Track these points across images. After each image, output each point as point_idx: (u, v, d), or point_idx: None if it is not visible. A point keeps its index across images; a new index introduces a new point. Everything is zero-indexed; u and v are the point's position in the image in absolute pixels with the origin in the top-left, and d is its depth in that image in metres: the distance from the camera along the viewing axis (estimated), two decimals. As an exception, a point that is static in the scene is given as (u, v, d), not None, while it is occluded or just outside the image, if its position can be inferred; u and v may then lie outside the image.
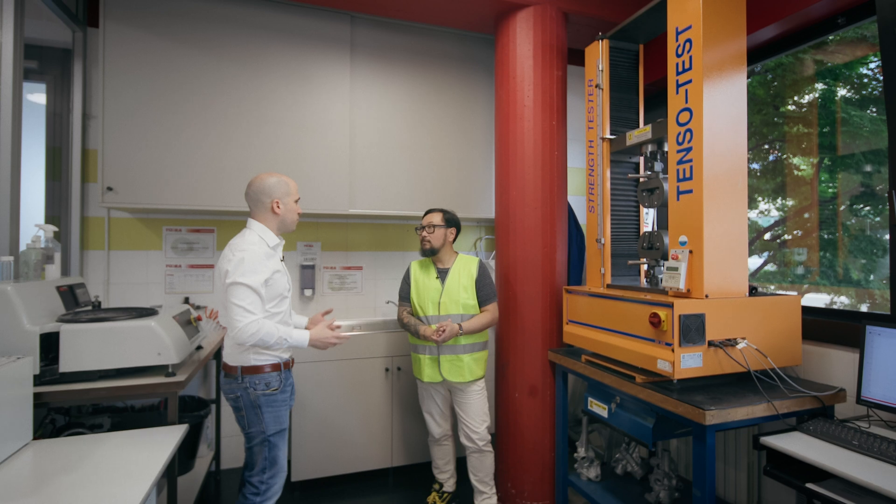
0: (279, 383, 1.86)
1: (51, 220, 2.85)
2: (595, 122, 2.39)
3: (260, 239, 1.84)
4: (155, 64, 2.60)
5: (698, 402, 1.66)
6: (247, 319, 1.72)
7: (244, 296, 1.72)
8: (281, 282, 1.87)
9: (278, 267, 1.87)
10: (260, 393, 1.81)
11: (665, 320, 1.79)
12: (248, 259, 1.74)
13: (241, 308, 1.72)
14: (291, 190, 1.93)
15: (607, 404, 2.14)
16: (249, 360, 1.82)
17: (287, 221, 1.92)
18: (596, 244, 2.38)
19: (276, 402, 1.85)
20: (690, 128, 1.85)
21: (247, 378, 1.81)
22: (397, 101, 3.07)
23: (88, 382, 1.82)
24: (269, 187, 1.88)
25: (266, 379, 1.83)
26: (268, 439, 1.83)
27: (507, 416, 2.64)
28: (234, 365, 1.82)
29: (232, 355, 1.83)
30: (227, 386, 1.84)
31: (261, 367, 1.83)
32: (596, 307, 2.23)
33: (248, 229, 1.87)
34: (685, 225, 1.87)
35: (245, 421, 1.84)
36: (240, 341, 1.73)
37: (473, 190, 3.23)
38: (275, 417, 1.85)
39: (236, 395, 1.82)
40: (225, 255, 1.80)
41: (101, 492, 1.34)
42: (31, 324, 1.77)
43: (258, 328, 1.73)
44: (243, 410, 1.82)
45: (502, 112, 2.66)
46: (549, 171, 2.58)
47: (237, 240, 1.83)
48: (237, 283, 1.72)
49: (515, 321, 2.60)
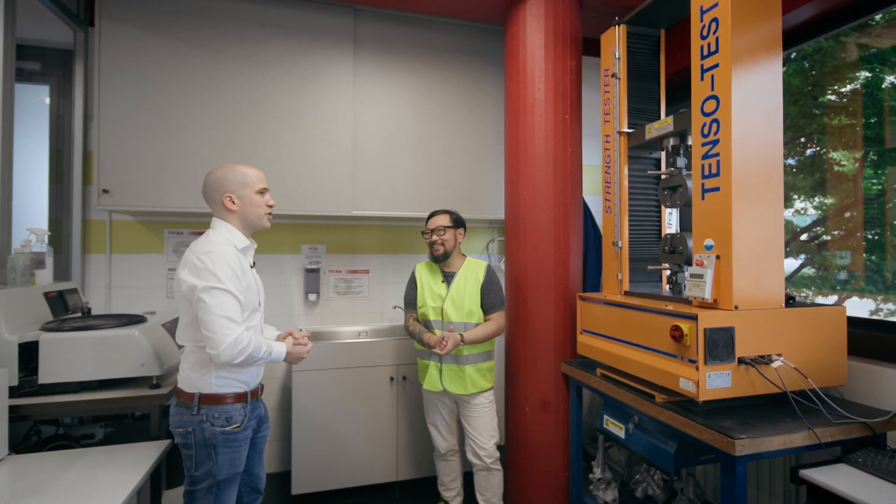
0: (242, 418, 1.57)
1: (53, 224, 2.82)
2: (612, 115, 2.20)
3: (226, 240, 1.58)
4: (152, 63, 2.53)
5: (726, 428, 1.46)
6: (235, 332, 1.45)
7: (225, 304, 1.45)
8: (252, 291, 1.60)
9: (248, 274, 1.61)
10: (218, 430, 1.51)
11: (688, 334, 1.59)
12: (218, 260, 1.48)
13: (225, 318, 1.44)
14: (250, 180, 1.63)
15: (624, 424, 1.95)
16: (210, 386, 1.53)
17: (251, 217, 1.63)
18: (612, 247, 2.19)
19: (236, 441, 1.55)
20: (717, 118, 1.65)
21: (204, 409, 1.51)
22: (403, 97, 2.93)
23: (69, 394, 1.75)
24: (218, 181, 1.60)
25: (227, 412, 1.54)
26: (217, 484, 1.53)
27: (518, 432, 2.46)
28: (189, 391, 1.53)
29: (189, 379, 1.55)
30: (177, 417, 1.54)
31: (222, 397, 1.54)
32: (612, 316, 2.05)
33: (212, 229, 1.61)
34: (711, 226, 1.67)
35: (192, 461, 1.52)
36: (227, 359, 1.45)
37: (484, 189, 3.07)
38: (231, 459, 1.54)
39: (188, 430, 1.51)
40: (187, 260, 1.51)
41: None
42: (9, 332, 1.69)
43: (248, 341, 1.48)
44: (192, 448, 1.51)
45: (512, 106, 2.49)
46: (563, 168, 2.40)
47: (200, 241, 1.55)
48: (214, 288, 1.45)
49: (526, 330, 2.42)
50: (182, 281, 1.51)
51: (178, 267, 1.55)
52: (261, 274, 3.05)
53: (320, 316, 3.17)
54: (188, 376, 1.56)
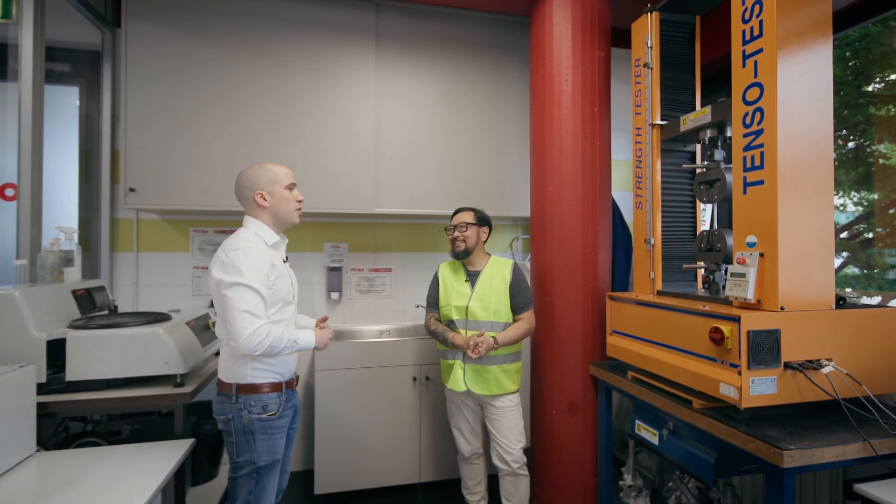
0: (278, 406, 1.64)
1: (83, 222, 2.87)
2: (643, 107, 2.11)
3: (256, 237, 1.63)
4: (177, 62, 2.54)
5: (773, 438, 1.36)
6: (254, 325, 1.50)
7: (246, 298, 1.51)
8: (284, 285, 1.65)
9: (280, 268, 1.65)
10: (255, 417, 1.59)
11: (729, 337, 1.50)
12: (244, 257, 1.53)
13: (245, 312, 1.50)
14: (279, 177, 1.69)
15: (658, 430, 1.86)
16: (247, 377, 1.60)
17: (281, 213, 1.69)
18: (644, 245, 2.09)
19: (273, 428, 1.62)
20: (761, 106, 1.54)
21: (241, 398, 1.59)
22: (425, 92, 2.88)
23: (95, 392, 1.75)
24: (249, 179, 1.66)
25: (263, 401, 1.61)
26: (257, 470, 1.60)
27: (544, 436, 2.39)
28: (228, 382, 1.61)
29: (227, 370, 1.62)
30: (219, 405, 1.63)
31: (258, 386, 1.61)
32: (644, 317, 1.96)
33: (244, 227, 1.67)
34: (754, 222, 1.57)
35: (234, 448, 1.61)
36: (247, 351, 1.51)
37: (509, 186, 3.00)
38: (269, 446, 1.62)
39: (227, 418, 1.60)
40: (217, 257, 1.58)
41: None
42: (38, 330, 1.71)
43: (267, 333, 1.52)
44: (233, 436, 1.60)
45: (538, 99, 2.41)
46: (591, 163, 2.31)
47: (231, 239, 1.61)
48: (237, 284, 1.50)
49: (552, 330, 2.35)
50: (212, 277, 1.58)
51: (210, 264, 1.61)
52: (284, 272, 3.06)
53: (342, 315, 3.15)
54: (227, 367, 1.63)
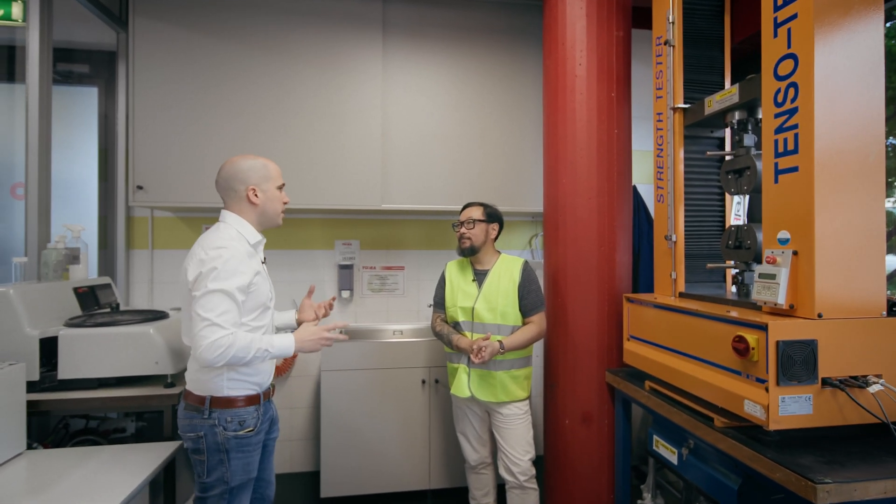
0: (256, 421, 1.49)
1: (102, 221, 2.92)
2: (664, 90, 1.91)
3: (239, 235, 1.50)
4: (181, 58, 2.52)
5: (805, 467, 1.17)
6: (216, 334, 1.35)
7: (215, 305, 1.36)
8: (264, 289, 1.53)
9: (258, 269, 1.52)
10: (231, 434, 1.43)
11: (755, 347, 1.31)
12: (225, 258, 1.39)
13: (207, 321, 1.35)
14: (272, 174, 1.58)
15: (677, 448, 1.68)
16: (222, 389, 1.45)
17: (269, 213, 1.57)
18: (665, 242, 1.90)
19: (249, 445, 1.47)
20: (795, 81, 1.34)
21: (216, 413, 1.43)
22: (435, 83, 2.76)
23: (87, 391, 1.73)
24: (241, 172, 1.53)
25: (240, 416, 1.46)
26: (230, 491, 1.45)
27: (556, 446, 2.23)
28: (199, 394, 1.45)
29: (198, 381, 1.46)
30: (187, 421, 1.45)
31: (234, 400, 1.46)
32: (663, 322, 1.77)
33: (223, 223, 1.53)
34: (786, 215, 1.37)
35: (204, 467, 1.44)
36: (206, 362, 1.35)
37: (526, 180, 2.84)
38: (244, 465, 1.47)
39: (199, 435, 1.43)
40: (194, 254, 1.44)
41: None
42: (31, 328, 1.71)
43: (230, 343, 1.36)
44: (204, 454, 1.44)
45: (550, 86, 2.24)
46: (608, 153, 2.13)
47: (210, 235, 1.47)
48: (211, 289, 1.36)
49: (565, 334, 2.18)
50: (185, 274, 1.43)
51: (186, 259, 1.47)
52: (294, 270, 3.02)
53: (354, 314, 3.08)
54: (197, 378, 1.48)
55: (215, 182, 1.58)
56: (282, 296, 2.82)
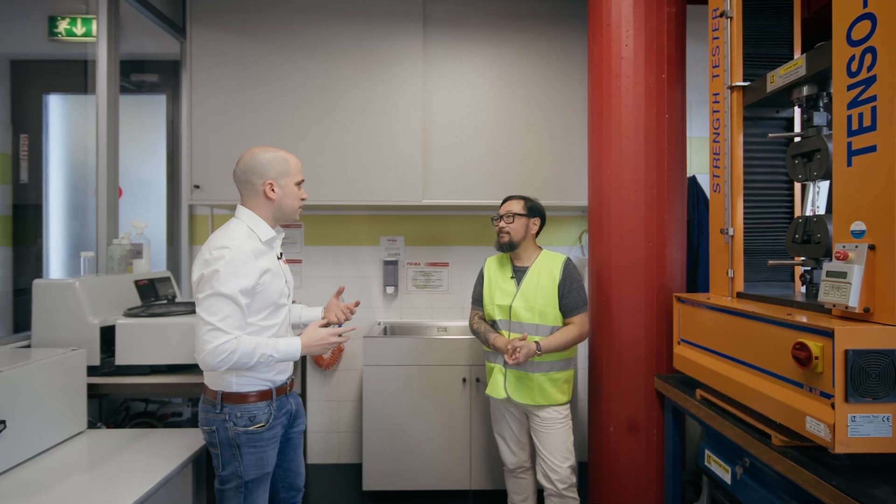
0: (267, 417, 1.47)
1: (169, 219, 3.14)
2: (721, 67, 1.71)
3: (249, 231, 1.47)
4: (232, 62, 2.64)
5: (880, 500, 0.99)
6: (219, 339, 1.33)
7: (218, 309, 1.34)
8: (274, 286, 1.48)
9: (271, 266, 1.48)
10: (241, 430, 1.43)
11: (820, 356, 1.13)
12: (228, 260, 1.36)
13: (209, 326, 1.34)
14: (291, 169, 1.52)
15: (731, 466, 1.50)
16: (231, 385, 1.44)
17: (285, 209, 1.52)
18: (721, 237, 1.71)
19: (261, 441, 1.47)
20: (872, 45, 1.13)
21: (226, 408, 1.44)
22: (478, 74, 2.69)
23: (140, 376, 1.86)
24: (260, 165, 1.47)
25: (251, 411, 1.45)
26: (245, 485, 1.46)
27: (600, 455, 2.09)
28: (213, 389, 1.47)
29: (212, 376, 1.48)
30: (203, 415, 1.48)
31: (245, 396, 1.45)
32: (717, 325, 1.59)
33: (236, 219, 1.50)
34: (861, 203, 1.17)
35: (219, 460, 1.46)
36: (208, 367, 1.35)
37: (574, 173, 2.70)
38: (257, 460, 1.46)
39: (212, 429, 1.45)
40: (200, 253, 1.42)
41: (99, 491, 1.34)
42: (93, 317, 1.85)
43: (232, 349, 1.34)
44: (218, 448, 1.45)
45: (595, 70, 2.10)
46: (657, 140, 1.96)
47: (218, 234, 1.44)
48: (213, 291, 1.34)
49: (609, 335, 2.04)
50: (193, 273, 1.43)
51: (194, 262, 1.45)
52: (339, 266, 3.08)
53: (399, 310, 3.10)
54: (210, 373, 1.49)
55: (233, 173, 1.53)
56: (326, 292, 2.88)
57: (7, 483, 1.36)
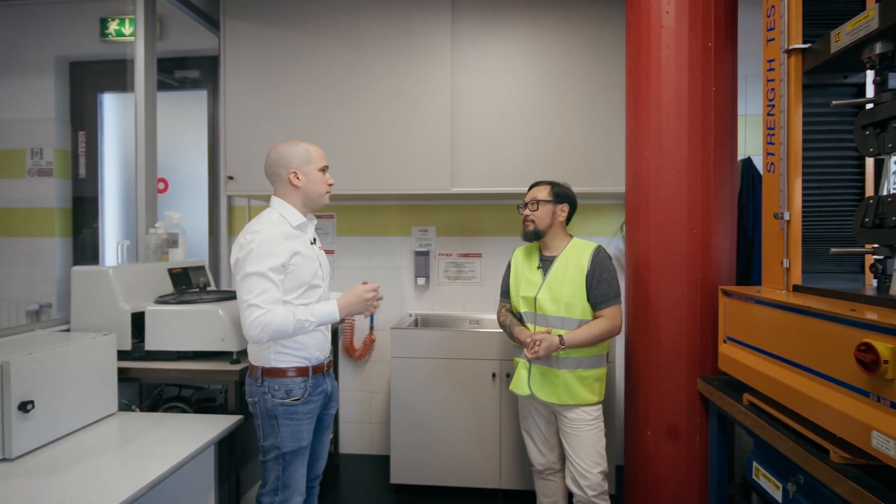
0: (303, 392, 1.58)
1: (210, 210, 3.24)
2: (777, 30, 1.51)
3: (280, 217, 1.60)
4: (263, 54, 2.66)
5: (963, 536, 0.81)
6: (254, 314, 1.46)
7: (252, 286, 1.48)
8: (307, 268, 1.59)
9: (302, 249, 1.59)
10: (278, 401, 1.55)
11: (890, 360, 0.95)
12: (259, 241, 1.49)
13: (246, 303, 1.48)
14: (313, 157, 1.64)
15: (782, 482, 1.32)
16: (270, 361, 1.57)
17: (311, 194, 1.64)
18: (776, 222, 1.51)
19: (297, 414, 1.58)
20: (965, -17, 0.93)
21: (266, 381, 1.57)
22: (507, 57, 2.56)
23: (168, 362, 1.90)
24: (283, 157, 1.62)
25: (287, 385, 1.57)
26: (283, 456, 1.57)
27: (636, 461, 1.94)
28: (255, 364, 1.60)
29: (254, 352, 1.61)
30: (248, 388, 1.63)
31: (283, 371, 1.57)
32: (768, 321, 1.41)
33: (269, 208, 1.64)
34: (949, 179, 0.97)
35: (260, 431, 1.61)
36: (252, 340, 1.50)
37: (613, 158, 2.52)
38: (293, 432, 1.58)
39: (254, 401, 1.59)
40: (237, 239, 1.56)
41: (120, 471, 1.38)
42: (125, 303, 1.91)
43: (268, 320, 1.46)
44: (259, 419, 1.59)
45: (632, 43, 1.93)
46: (702, 117, 1.76)
47: (253, 220, 1.60)
48: (249, 271, 1.48)
49: (646, 332, 1.87)
50: (231, 258, 1.57)
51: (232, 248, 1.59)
52: (371, 256, 3.06)
53: (430, 301, 3.04)
54: (253, 350, 1.62)
55: (263, 169, 1.68)
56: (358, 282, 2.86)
57: (33, 461, 1.41)
